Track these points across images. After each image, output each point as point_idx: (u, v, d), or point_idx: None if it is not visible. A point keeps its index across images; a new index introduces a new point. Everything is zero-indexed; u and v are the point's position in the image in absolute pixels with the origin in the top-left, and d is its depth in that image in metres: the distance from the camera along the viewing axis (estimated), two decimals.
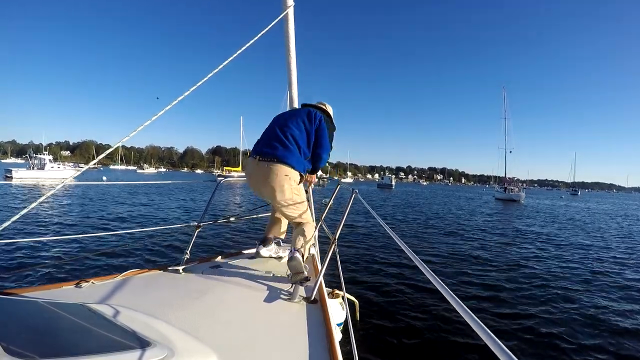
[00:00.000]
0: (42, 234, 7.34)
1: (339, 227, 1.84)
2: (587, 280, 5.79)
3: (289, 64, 2.66)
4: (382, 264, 5.97)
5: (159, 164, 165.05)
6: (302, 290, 1.67)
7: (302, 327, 1.35)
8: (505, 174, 41.28)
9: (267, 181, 1.96)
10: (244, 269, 2.07)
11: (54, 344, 0.94)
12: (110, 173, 58.73)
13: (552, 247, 8.83)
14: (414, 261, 0.98)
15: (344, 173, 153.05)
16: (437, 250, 7.63)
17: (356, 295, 4.34)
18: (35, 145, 56.62)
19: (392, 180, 63.64)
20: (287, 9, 2.39)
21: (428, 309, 4.05)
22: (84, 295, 1.58)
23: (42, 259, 5.25)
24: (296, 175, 2.00)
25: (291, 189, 1.99)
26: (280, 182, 1.94)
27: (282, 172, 1.94)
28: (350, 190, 2.10)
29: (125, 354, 0.91)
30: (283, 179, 1.94)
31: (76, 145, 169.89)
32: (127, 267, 2.85)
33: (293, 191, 2.00)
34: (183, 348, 1.08)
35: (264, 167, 1.95)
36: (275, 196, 1.97)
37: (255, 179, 2.02)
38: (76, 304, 1.33)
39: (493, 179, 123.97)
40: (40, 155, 32.31)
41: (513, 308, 4.30)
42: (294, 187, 2.01)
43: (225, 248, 6.50)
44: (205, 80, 1.82)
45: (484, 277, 5.61)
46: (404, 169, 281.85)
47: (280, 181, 1.94)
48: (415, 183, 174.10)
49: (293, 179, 1.98)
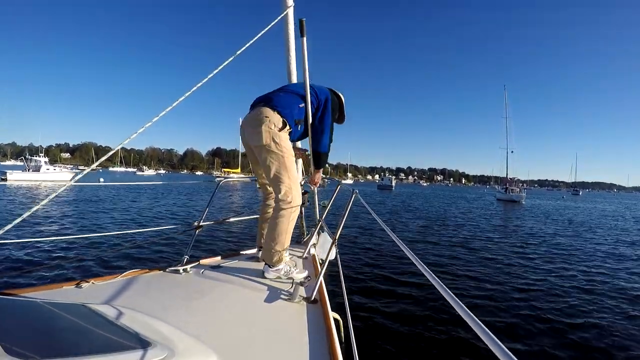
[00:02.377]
0: (42, 234, 7.34)
1: (339, 227, 1.83)
2: (606, 292, 5.20)
3: (289, 65, 2.66)
4: (382, 264, 5.97)
5: (158, 165, 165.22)
6: (302, 290, 1.66)
7: (302, 327, 1.35)
8: (506, 174, 41.21)
9: (245, 126, 1.88)
10: (244, 269, 2.07)
11: (54, 344, 0.93)
12: (109, 175, 58.75)
13: (558, 252, 8.80)
14: (413, 261, 0.98)
15: (344, 174, 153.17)
16: (438, 251, 7.63)
17: (356, 295, 4.35)
18: (35, 147, 56.54)
19: (392, 181, 63.63)
20: (287, 9, 2.39)
21: (428, 309, 4.04)
22: (84, 295, 1.58)
23: (42, 259, 5.25)
24: (277, 119, 1.81)
25: (269, 132, 1.78)
26: (257, 123, 1.79)
27: (262, 113, 1.80)
28: (351, 191, 2.10)
29: (125, 354, 0.91)
30: (261, 120, 1.78)
31: (76, 147, 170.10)
32: (127, 267, 2.85)
33: (272, 136, 1.79)
34: (183, 348, 1.08)
35: (248, 115, 1.90)
36: (251, 142, 1.86)
37: (242, 131, 1.94)
38: (76, 304, 1.33)
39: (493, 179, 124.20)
40: (36, 157, 32.11)
41: (513, 308, 4.30)
42: (274, 132, 1.80)
43: (225, 248, 6.50)
44: (205, 82, 1.82)
45: (484, 277, 5.61)
46: (404, 170, 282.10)
47: (258, 121, 1.79)
48: (416, 184, 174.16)
49: (273, 122, 1.80)
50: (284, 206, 1.83)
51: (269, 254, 1.84)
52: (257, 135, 1.81)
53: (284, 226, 1.83)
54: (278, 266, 1.84)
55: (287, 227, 1.85)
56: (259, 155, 1.88)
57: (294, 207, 1.85)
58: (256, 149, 1.88)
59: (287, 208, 1.83)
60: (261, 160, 1.88)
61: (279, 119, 1.82)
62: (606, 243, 10.09)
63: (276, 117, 1.81)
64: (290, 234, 1.88)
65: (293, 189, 1.86)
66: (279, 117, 1.82)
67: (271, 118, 1.80)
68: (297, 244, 2.69)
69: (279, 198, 1.84)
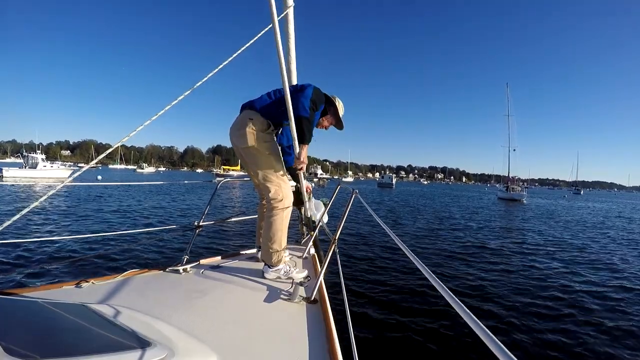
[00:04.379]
0: (42, 234, 7.34)
1: (339, 227, 1.83)
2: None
3: (288, 64, 2.65)
4: (382, 264, 5.97)
5: (159, 163, 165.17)
6: (302, 290, 1.66)
7: (302, 327, 1.35)
8: (508, 172, 41.01)
9: (232, 130, 1.92)
10: (244, 269, 2.07)
11: (54, 344, 0.94)
12: (109, 172, 58.55)
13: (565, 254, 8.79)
14: (413, 261, 0.98)
15: (344, 172, 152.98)
16: (438, 252, 7.63)
17: (356, 294, 4.35)
18: (35, 144, 56.35)
19: (393, 179, 63.60)
20: (287, 9, 2.38)
21: (429, 309, 4.05)
22: (84, 295, 1.58)
23: (42, 259, 5.25)
24: (261, 120, 1.87)
25: (253, 134, 1.85)
26: (242, 125, 1.85)
27: (246, 115, 1.87)
28: (351, 191, 2.10)
29: (125, 354, 0.91)
30: (245, 122, 1.85)
31: (76, 144, 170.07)
32: (127, 267, 2.85)
33: (256, 138, 1.85)
34: (183, 348, 1.08)
35: (235, 119, 1.95)
36: (238, 144, 1.90)
37: (230, 135, 1.97)
38: (76, 304, 1.33)
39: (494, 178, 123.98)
40: (33, 154, 31.86)
41: (514, 309, 4.30)
42: (258, 134, 1.86)
43: (225, 248, 6.50)
44: (205, 80, 1.82)
45: (485, 277, 5.61)
46: (405, 168, 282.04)
47: (242, 124, 1.86)
48: (416, 182, 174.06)
49: (257, 124, 1.86)
50: (276, 204, 1.87)
51: (268, 254, 1.87)
52: (242, 138, 1.87)
53: (278, 225, 1.86)
54: (277, 266, 1.87)
55: (282, 226, 1.88)
56: (247, 157, 1.94)
57: (286, 205, 1.89)
58: (243, 151, 1.93)
59: (279, 207, 1.87)
60: (249, 162, 1.94)
61: (262, 120, 1.88)
62: (623, 246, 9.49)
63: (259, 119, 1.87)
64: (285, 232, 1.90)
65: (282, 187, 1.91)
66: (262, 119, 1.88)
67: (254, 120, 1.86)
68: (297, 244, 2.69)
69: (269, 197, 1.89)
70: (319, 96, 1.94)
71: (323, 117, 2.17)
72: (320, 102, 1.95)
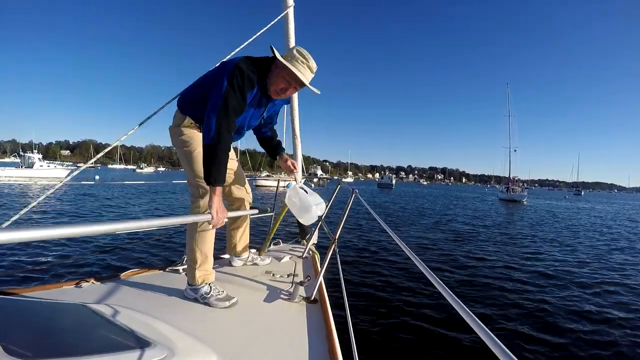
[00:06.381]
0: None
1: (339, 227, 1.84)
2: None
3: None
4: (382, 264, 5.97)
5: (158, 163, 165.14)
6: (302, 290, 1.66)
7: (302, 327, 1.35)
8: (509, 173, 40.91)
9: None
10: (244, 269, 2.07)
11: (54, 344, 0.94)
12: (107, 172, 58.47)
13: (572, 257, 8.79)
14: (414, 261, 0.98)
15: (344, 172, 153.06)
16: (438, 252, 7.63)
17: (356, 294, 4.35)
18: (34, 144, 56.27)
19: (393, 179, 63.73)
20: (287, 9, 2.38)
21: (429, 309, 4.04)
22: (84, 295, 1.58)
23: (42, 259, 5.25)
24: (180, 116, 1.64)
25: (174, 132, 1.65)
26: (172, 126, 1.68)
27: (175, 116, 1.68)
28: (350, 191, 2.09)
29: (125, 354, 0.91)
30: (173, 122, 1.68)
31: (76, 144, 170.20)
32: (127, 267, 2.85)
33: (178, 136, 1.63)
34: (183, 348, 1.08)
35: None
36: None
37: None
38: (76, 304, 1.33)
39: (494, 178, 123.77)
40: (29, 154, 31.49)
41: (515, 309, 4.29)
42: (178, 131, 1.63)
43: (224, 248, 6.48)
44: None
45: (486, 278, 5.61)
46: (405, 169, 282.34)
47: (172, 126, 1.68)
48: (416, 183, 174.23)
49: (177, 121, 1.65)
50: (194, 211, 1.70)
51: (188, 270, 1.65)
52: (172, 138, 1.69)
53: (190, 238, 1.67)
54: (197, 285, 1.59)
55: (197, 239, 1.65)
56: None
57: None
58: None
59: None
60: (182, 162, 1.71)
61: (181, 115, 1.63)
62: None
63: (179, 115, 1.65)
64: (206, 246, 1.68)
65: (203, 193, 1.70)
66: (181, 115, 1.63)
67: (176, 117, 1.66)
68: (297, 244, 2.69)
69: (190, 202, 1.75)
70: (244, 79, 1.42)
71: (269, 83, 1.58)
72: (249, 87, 1.46)
